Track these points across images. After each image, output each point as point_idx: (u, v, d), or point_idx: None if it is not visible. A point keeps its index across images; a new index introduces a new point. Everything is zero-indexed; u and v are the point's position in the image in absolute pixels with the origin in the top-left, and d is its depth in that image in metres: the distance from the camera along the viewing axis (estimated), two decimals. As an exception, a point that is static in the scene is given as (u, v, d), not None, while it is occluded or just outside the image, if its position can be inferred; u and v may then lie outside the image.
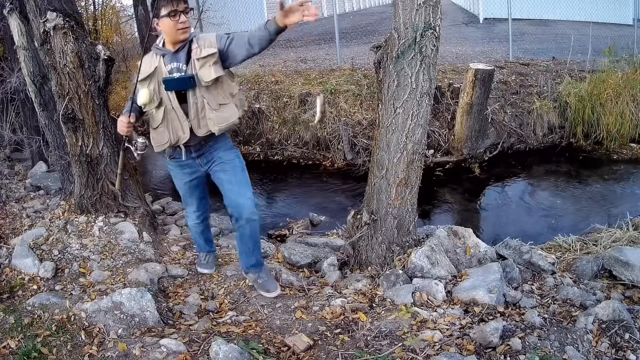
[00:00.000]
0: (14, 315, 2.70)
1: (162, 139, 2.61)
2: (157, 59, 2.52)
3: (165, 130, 2.58)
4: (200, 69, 2.46)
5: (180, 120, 2.53)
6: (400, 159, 2.96)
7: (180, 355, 2.34)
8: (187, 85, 2.47)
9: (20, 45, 4.14)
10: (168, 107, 2.54)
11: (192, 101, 2.50)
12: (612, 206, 5.01)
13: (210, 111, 2.51)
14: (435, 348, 2.26)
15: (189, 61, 2.49)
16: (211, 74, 2.46)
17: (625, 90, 6.55)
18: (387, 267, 3.10)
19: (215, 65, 2.47)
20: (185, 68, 2.49)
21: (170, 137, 2.58)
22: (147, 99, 2.52)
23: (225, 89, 2.56)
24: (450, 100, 6.70)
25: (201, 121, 2.53)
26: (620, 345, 2.18)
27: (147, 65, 2.54)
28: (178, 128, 2.55)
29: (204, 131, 2.55)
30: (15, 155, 6.69)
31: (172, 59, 2.51)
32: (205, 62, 2.45)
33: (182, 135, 2.56)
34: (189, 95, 2.49)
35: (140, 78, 2.54)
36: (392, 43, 2.80)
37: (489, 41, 10.73)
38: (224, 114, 2.56)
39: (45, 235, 3.64)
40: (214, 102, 2.52)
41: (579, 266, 3.07)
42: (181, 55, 2.50)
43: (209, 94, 2.50)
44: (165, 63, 2.51)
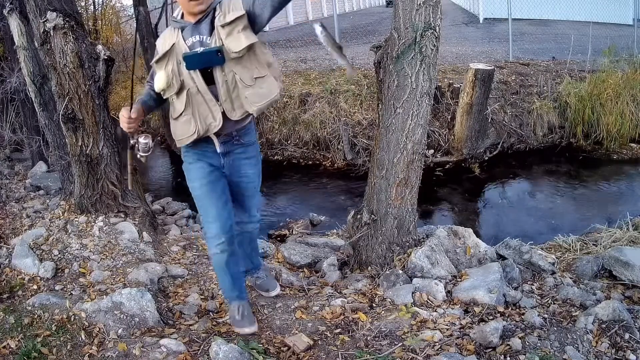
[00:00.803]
0: (14, 315, 2.70)
1: (187, 130, 2.19)
2: (175, 33, 2.13)
3: (190, 119, 2.16)
4: (227, 37, 2.05)
5: (209, 104, 2.13)
6: (400, 159, 2.96)
7: (180, 355, 2.34)
8: (214, 61, 2.06)
9: (20, 45, 4.14)
10: (192, 91, 2.13)
11: (220, 80, 2.09)
12: (612, 206, 5.01)
13: (244, 88, 2.11)
14: (435, 348, 2.26)
15: (212, 32, 2.09)
16: (241, 42, 2.05)
17: (625, 90, 6.56)
18: (387, 267, 3.10)
19: (245, 31, 2.06)
20: (209, 41, 2.08)
21: (198, 126, 2.16)
22: (165, 83, 2.13)
23: (260, 58, 2.15)
24: (450, 100, 6.71)
25: (235, 102, 2.13)
26: (620, 345, 2.18)
27: (163, 42, 2.16)
28: (207, 114, 2.14)
29: (240, 113, 2.16)
30: (15, 155, 6.69)
31: (193, 32, 2.11)
32: (233, 28, 2.05)
33: (212, 122, 2.15)
34: (216, 73, 2.09)
35: (156, 58, 2.18)
36: (392, 43, 2.80)
37: (489, 41, 10.74)
38: (262, 89, 2.15)
39: (45, 235, 3.64)
40: (247, 76, 2.11)
41: (579, 266, 3.07)
42: (203, 27, 2.10)
43: (241, 68, 2.10)
44: (185, 37, 2.11)
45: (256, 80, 2.14)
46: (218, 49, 2.04)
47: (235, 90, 2.11)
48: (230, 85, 2.10)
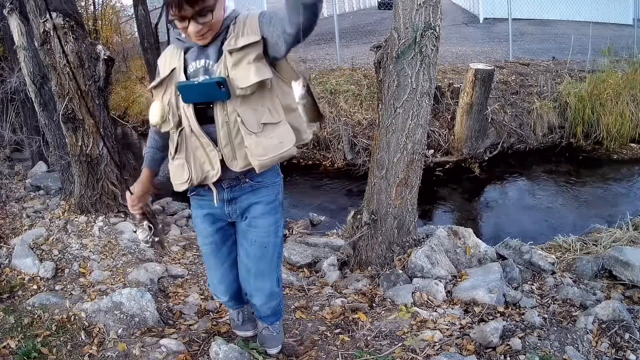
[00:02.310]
0: (14, 315, 2.70)
1: (180, 176, 1.79)
2: (178, 54, 1.71)
3: (184, 164, 1.75)
4: (233, 67, 1.59)
5: (206, 149, 1.68)
6: (400, 159, 2.96)
7: (180, 355, 2.34)
8: (215, 95, 1.61)
9: (20, 45, 4.14)
10: (186, 130, 1.70)
11: (220, 119, 1.63)
12: (612, 206, 5.01)
13: (247, 135, 1.64)
14: (435, 348, 2.26)
15: (220, 57, 1.64)
16: (249, 77, 1.59)
17: (625, 90, 6.56)
18: (387, 267, 3.10)
19: (257, 62, 1.59)
20: (215, 68, 1.63)
21: (191, 173, 1.75)
22: (159, 117, 1.71)
23: (274, 98, 1.67)
24: (450, 100, 6.71)
25: (237, 150, 1.67)
26: (620, 345, 2.18)
27: (163, 63, 1.75)
28: (204, 160, 1.71)
29: (242, 164, 1.69)
30: (15, 155, 6.69)
31: (198, 55, 1.67)
32: (243, 56, 1.59)
33: (209, 170, 1.72)
34: (217, 110, 1.63)
35: (154, 83, 1.76)
36: (392, 43, 2.80)
37: (489, 41, 10.74)
38: (270, 139, 1.66)
39: (45, 235, 3.64)
40: (253, 120, 1.64)
41: (579, 266, 3.07)
42: (211, 50, 1.65)
43: (247, 108, 1.63)
44: (187, 61, 1.69)
45: (264, 127, 1.65)
46: (220, 81, 1.58)
47: (238, 135, 1.65)
48: (232, 128, 1.64)
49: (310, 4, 1.43)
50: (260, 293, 1.98)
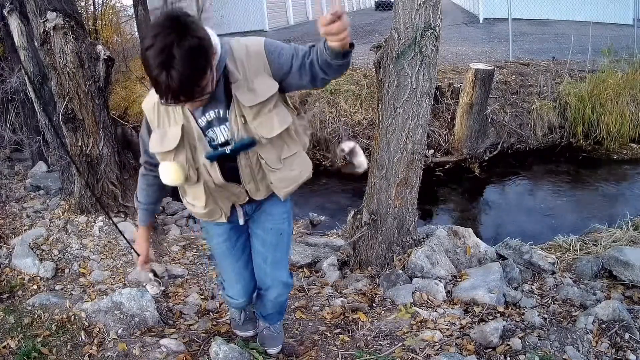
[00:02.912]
0: (14, 315, 2.70)
1: (211, 216, 1.81)
2: (180, 109, 1.55)
3: (215, 207, 1.77)
4: (255, 119, 1.53)
5: (231, 190, 1.71)
6: (400, 159, 2.96)
7: (180, 355, 2.34)
8: (245, 149, 1.61)
9: (20, 45, 4.14)
10: (210, 184, 1.67)
11: (243, 163, 1.64)
12: (612, 206, 5.01)
13: (270, 172, 1.68)
14: (435, 348, 2.26)
15: (229, 101, 1.53)
16: (274, 127, 1.57)
17: (625, 90, 6.56)
18: (387, 267, 3.10)
19: (277, 109, 1.58)
20: (228, 115, 1.54)
21: (223, 211, 1.78)
22: (183, 177, 1.60)
23: (291, 133, 1.68)
24: (450, 100, 6.70)
25: (260, 183, 1.72)
26: (620, 345, 2.18)
27: (159, 119, 1.58)
28: (229, 196, 1.75)
29: (265, 193, 1.76)
30: (15, 155, 6.69)
31: (207, 106, 1.54)
32: (262, 107, 1.54)
33: (236, 201, 1.78)
34: (240, 156, 1.63)
35: (160, 149, 1.58)
36: (392, 43, 2.80)
37: (489, 41, 10.74)
38: (292, 171, 1.72)
39: (45, 235, 3.64)
40: (274, 158, 1.66)
41: (579, 266, 3.07)
42: (218, 97, 1.52)
43: (267, 149, 1.63)
44: (195, 114, 1.55)
45: (285, 161, 1.69)
46: (251, 142, 1.56)
47: (260, 172, 1.68)
48: (254, 168, 1.66)
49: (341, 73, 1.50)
50: (278, 282, 1.98)
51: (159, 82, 1.29)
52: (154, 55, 1.26)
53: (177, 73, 1.27)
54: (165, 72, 1.26)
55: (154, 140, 1.60)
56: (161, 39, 1.25)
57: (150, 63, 1.26)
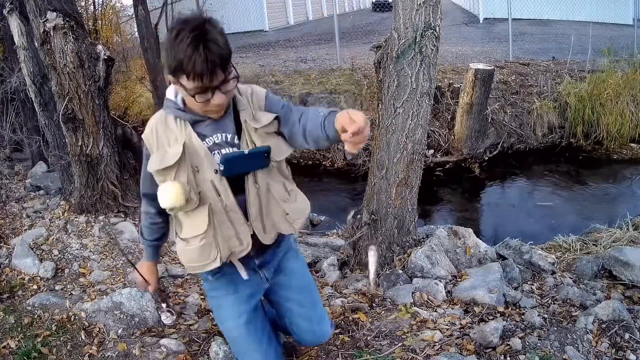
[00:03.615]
0: (14, 315, 2.70)
1: (205, 257, 1.57)
2: (181, 126, 1.49)
3: (212, 243, 1.55)
4: (265, 141, 1.53)
5: (235, 224, 1.54)
6: (400, 159, 2.96)
7: (180, 355, 2.34)
8: (257, 165, 1.52)
9: (20, 45, 4.14)
10: (215, 206, 1.52)
11: (252, 191, 1.53)
12: (612, 206, 5.02)
13: (283, 202, 1.60)
14: (435, 348, 2.26)
15: (240, 130, 1.51)
16: (282, 150, 1.57)
17: (625, 90, 6.56)
18: (387, 267, 3.10)
19: (279, 137, 1.58)
20: (238, 141, 1.51)
21: (219, 252, 1.56)
22: (183, 198, 1.47)
23: (286, 169, 1.69)
24: (450, 100, 6.71)
25: (266, 221, 1.58)
26: (620, 345, 2.18)
27: (159, 139, 1.51)
28: (231, 236, 1.56)
29: (273, 236, 1.63)
30: (15, 155, 6.69)
31: (214, 128, 1.50)
32: (269, 131, 1.55)
33: (238, 246, 1.57)
34: (249, 181, 1.52)
35: (161, 166, 1.48)
36: (392, 43, 2.80)
37: (489, 41, 10.74)
38: (298, 203, 1.66)
39: (45, 235, 3.64)
40: (281, 188, 1.60)
41: (579, 266, 3.07)
42: (227, 122, 1.51)
43: (273, 178, 1.58)
44: (201, 134, 1.49)
45: (290, 193, 1.65)
46: (267, 150, 1.50)
47: (269, 205, 1.58)
48: (263, 198, 1.56)
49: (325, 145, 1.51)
50: (323, 336, 1.88)
51: (195, 56, 1.29)
52: (188, 33, 1.29)
53: (213, 44, 1.30)
54: (202, 44, 1.29)
55: (153, 160, 1.50)
56: (192, 22, 1.31)
57: (184, 42, 1.28)
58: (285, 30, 17.16)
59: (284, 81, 7.98)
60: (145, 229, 1.73)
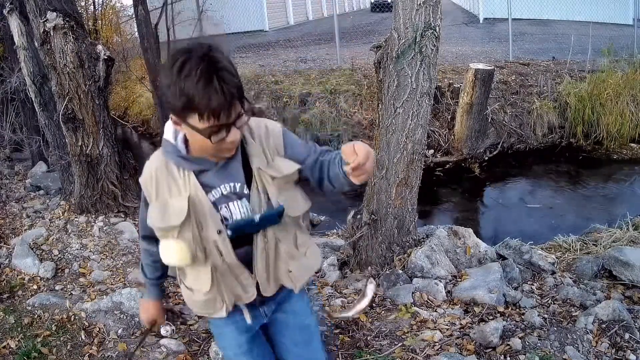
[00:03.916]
0: (14, 315, 2.70)
1: (212, 308, 1.53)
2: (185, 177, 1.36)
3: (216, 297, 1.49)
4: (279, 195, 1.40)
5: (239, 277, 1.47)
6: (400, 159, 2.96)
7: (180, 355, 2.34)
8: (270, 223, 1.42)
9: (20, 45, 4.14)
10: (217, 262, 1.42)
11: (260, 246, 1.43)
12: (612, 206, 5.01)
13: (290, 260, 1.50)
14: (435, 348, 2.26)
15: (248, 178, 1.38)
16: (299, 205, 1.46)
17: (625, 90, 6.56)
18: (387, 267, 3.10)
19: (299, 189, 1.48)
20: (247, 191, 1.38)
21: (225, 303, 1.50)
22: (189, 257, 1.39)
23: (305, 219, 1.56)
24: (450, 100, 6.71)
25: (271, 275, 1.50)
26: (620, 345, 2.18)
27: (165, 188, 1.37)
28: (235, 286, 1.49)
29: (275, 288, 1.54)
30: (15, 155, 6.69)
31: (220, 177, 1.37)
32: (286, 182, 1.42)
33: (243, 294, 1.51)
34: (257, 238, 1.42)
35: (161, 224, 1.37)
36: (392, 43, 2.80)
37: (489, 41, 10.74)
38: (308, 260, 1.55)
39: (45, 235, 3.64)
40: (291, 244, 1.50)
41: (579, 266, 3.07)
42: (234, 168, 1.38)
43: (285, 232, 1.47)
44: (206, 185, 1.36)
45: (300, 248, 1.53)
46: (281, 212, 1.39)
47: (276, 261, 1.49)
48: (271, 253, 1.47)
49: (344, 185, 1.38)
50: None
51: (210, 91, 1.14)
52: (196, 64, 1.14)
53: (227, 73, 1.16)
54: (215, 75, 1.14)
55: (153, 213, 1.37)
56: (195, 50, 1.16)
57: (193, 75, 1.13)
58: (285, 30, 17.16)
59: (284, 81, 7.98)
60: (148, 267, 1.62)
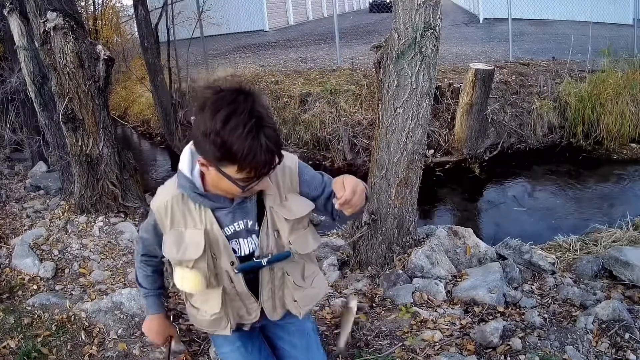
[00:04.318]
0: (14, 315, 2.70)
1: (215, 326, 1.58)
2: (203, 213, 1.39)
3: (222, 317, 1.55)
4: (291, 234, 1.44)
5: (245, 302, 1.54)
6: (400, 159, 2.96)
7: (180, 355, 2.34)
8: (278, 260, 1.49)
9: (20, 45, 4.14)
10: (229, 289, 1.50)
11: (267, 278, 1.50)
12: (612, 206, 5.01)
13: (295, 289, 1.55)
14: (436, 348, 2.26)
15: (262, 214, 1.43)
16: (309, 244, 1.51)
17: (625, 90, 6.56)
18: (387, 267, 3.10)
19: (310, 228, 1.53)
20: (257, 228, 1.44)
21: (230, 323, 1.56)
22: (203, 285, 1.45)
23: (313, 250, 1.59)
24: (450, 100, 6.71)
25: (277, 302, 1.57)
26: (620, 345, 2.18)
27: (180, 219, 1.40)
28: (240, 308, 1.56)
29: (281, 314, 1.60)
30: (15, 155, 6.69)
31: (235, 215, 1.41)
32: (298, 223, 1.46)
33: (247, 316, 1.57)
34: (264, 270, 1.49)
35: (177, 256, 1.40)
36: (392, 43, 2.80)
37: (489, 41, 10.74)
38: (313, 289, 1.61)
39: (45, 235, 3.64)
40: (298, 275, 1.56)
41: (579, 266, 3.07)
42: (250, 206, 1.42)
43: (293, 265, 1.54)
44: (221, 222, 1.41)
45: (306, 279, 1.59)
46: (287, 255, 1.46)
47: (281, 290, 1.55)
48: (277, 284, 1.53)
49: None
50: None
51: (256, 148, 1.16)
52: (245, 119, 1.14)
53: (271, 130, 1.18)
54: (262, 133, 1.16)
55: (168, 244, 1.41)
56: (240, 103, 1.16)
57: (239, 130, 1.14)
58: (285, 30, 17.16)
59: (284, 81, 7.98)
60: (147, 280, 1.62)
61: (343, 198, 1.21)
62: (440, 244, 3.12)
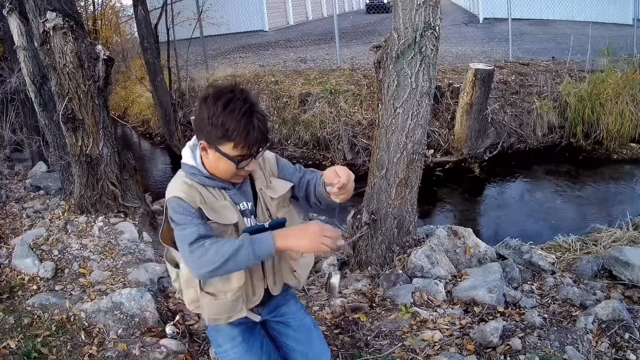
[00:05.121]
0: (14, 315, 2.70)
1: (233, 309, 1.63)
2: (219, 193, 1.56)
3: (240, 297, 1.62)
4: (278, 210, 1.64)
5: (255, 279, 1.65)
6: (400, 159, 2.96)
7: (180, 355, 2.34)
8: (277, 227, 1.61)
9: (19, 45, 4.14)
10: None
11: None
12: (612, 206, 5.01)
13: (286, 261, 1.71)
14: (435, 348, 2.26)
15: (256, 197, 1.62)
16: (295, 218, 1.69)
17: (625, 90, 6.56)
18: (387, 267, 3.10)
19: (293, 205, 1.72)
20: (254, 209, 1.62)
21: (244, 302, 1.65)
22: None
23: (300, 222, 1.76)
24: (450, 100, 6.71)
25: (277, 276, 1.70)
26: (620, 345, 2.18)
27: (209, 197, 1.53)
28: (248, 289, 1.65)
29: (280, 288, 1.74)
30: (15, 155, 6.69)
31: (240, 196, 1.59)
32: (283, 200, 1.66)
33: (252, 297, 1.66)
34: None
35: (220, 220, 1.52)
36: (392, 43, 2.80)
37: (489, 41, 10.74)
38: (305, 259, 1.78)
39: (45, 235, 3.64)
40: None
41: (579, 266, 3.07)
42: (248, 190, 1.62)
43: None
44: (235, 202, 1.58)
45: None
46: (283, 222, 1.61)
47: (280, 263, 1.69)
48: (277, 258, 1.67)
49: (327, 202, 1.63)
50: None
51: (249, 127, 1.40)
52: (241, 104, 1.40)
53: (262, 116, 1.43)
54: (255, 116, 1.41)
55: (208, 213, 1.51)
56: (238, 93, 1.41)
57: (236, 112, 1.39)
58: (285, 30, 17.16)
59: (284, 81, 7.98)
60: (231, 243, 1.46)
61: (340, 183, 1.38)
62: (440, 244, 3.12)
